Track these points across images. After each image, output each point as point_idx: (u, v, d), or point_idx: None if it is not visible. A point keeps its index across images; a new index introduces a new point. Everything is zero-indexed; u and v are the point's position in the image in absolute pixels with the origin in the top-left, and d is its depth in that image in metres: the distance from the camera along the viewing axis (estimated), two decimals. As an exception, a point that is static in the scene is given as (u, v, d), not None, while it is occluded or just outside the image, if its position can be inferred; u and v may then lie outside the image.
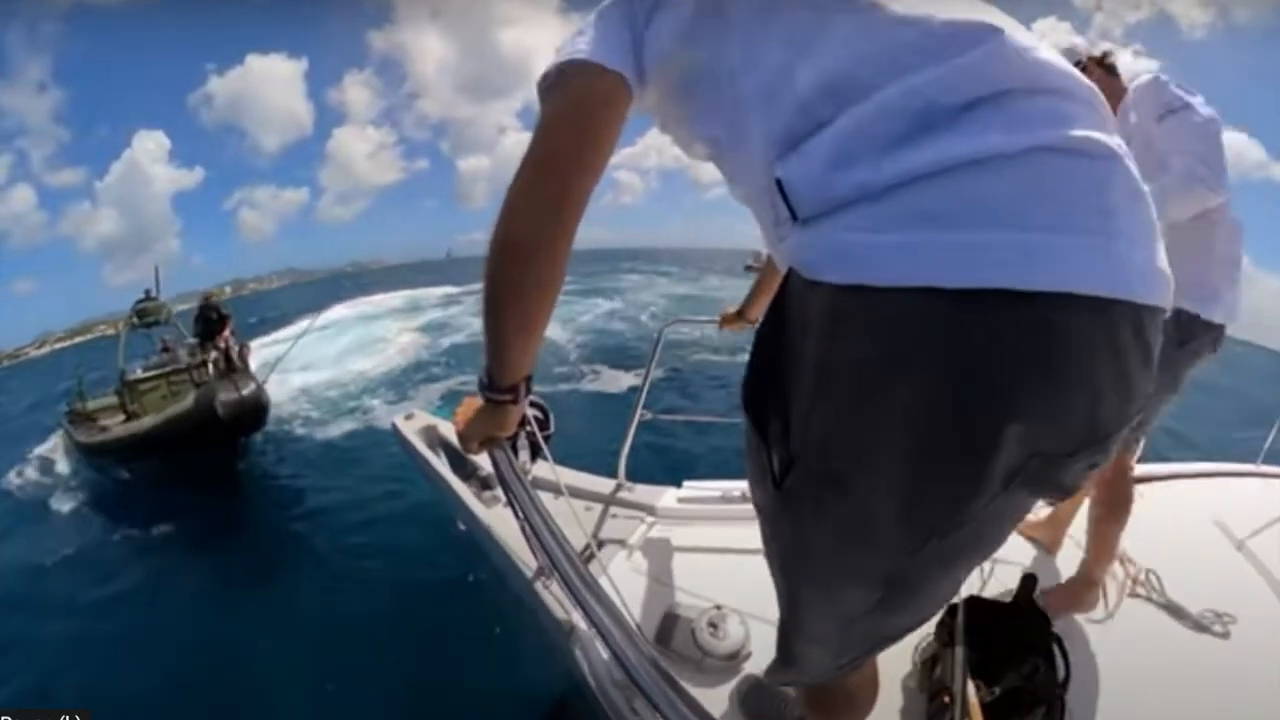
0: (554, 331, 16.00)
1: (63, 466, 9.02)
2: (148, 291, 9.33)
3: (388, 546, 5.17)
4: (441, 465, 2.35)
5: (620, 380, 10.14)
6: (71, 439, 8.68)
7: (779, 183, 0.60)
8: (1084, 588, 1.69)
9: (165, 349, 9.12)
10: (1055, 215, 0.52)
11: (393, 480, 6.12)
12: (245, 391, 6.55)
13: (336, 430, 9.15)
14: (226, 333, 8.14)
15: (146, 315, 9.07)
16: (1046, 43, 0.62)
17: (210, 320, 8.33)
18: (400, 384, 11.78)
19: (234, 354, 7.80)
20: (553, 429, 1.65)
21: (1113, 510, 1.67)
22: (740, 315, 1.89)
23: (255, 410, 6.70)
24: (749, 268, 45.33)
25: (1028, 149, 0.53)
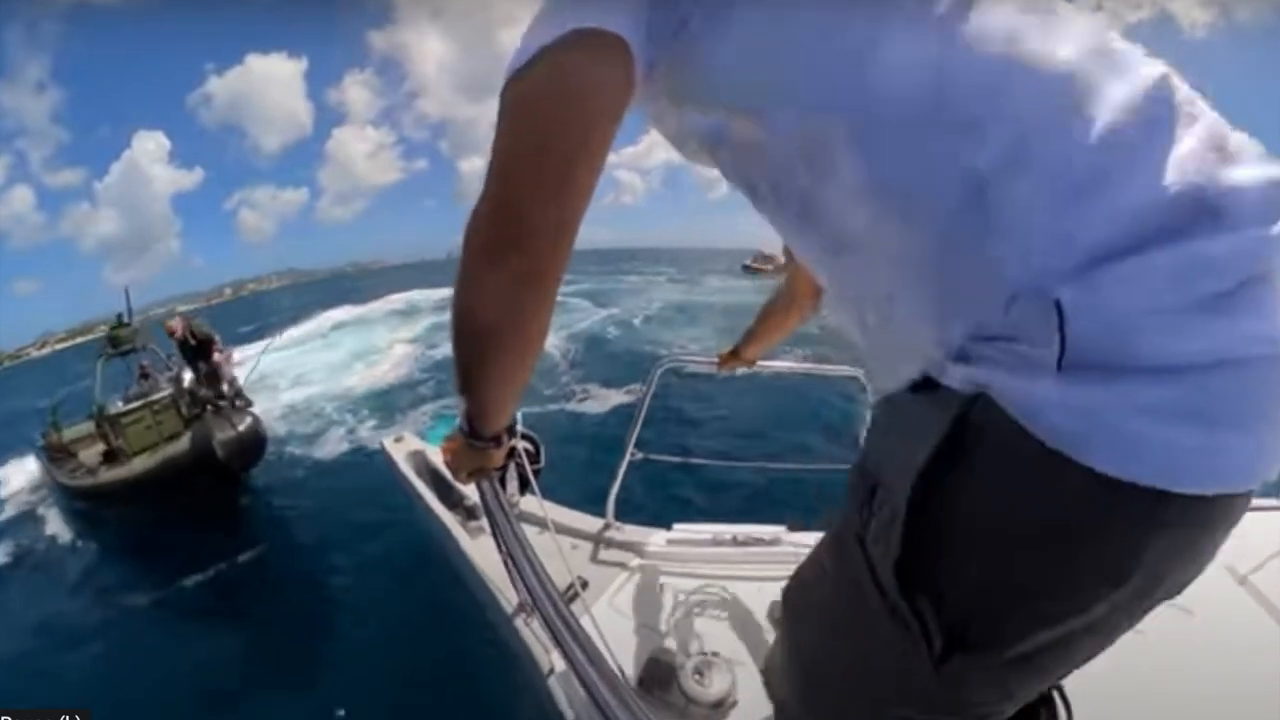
0: (546, 341, 16.12)
1: (43, 508, 8.42)
2: (119, 316, 8.60)
3: (376, 575, 5.21)
4: (427, 492, 2.32)
5: (610, 399, 10.18)
6: (52, 478, 8.15)
7: (1058, 307, 0.45)
8: None
9: (144, 375, 8.35)
10: None
11: (385, 507, 6.04)
12: (242, 427, 6.38)
13: (330, 450, 9.09)
14: (216, 356, 7.25)
15: (120, 343, 8.36)
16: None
17: (189, 348, 7.31)
18: (393, 398, 11.80)
19: (226, 379, 7.16)
20: (543, 462, 1.63)
21: None
22: (736, 355, 1.88)
23: (254, 445, 6.53)
24: (746, 267, 45.12)
25: None
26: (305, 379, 14.07)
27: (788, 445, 7.33)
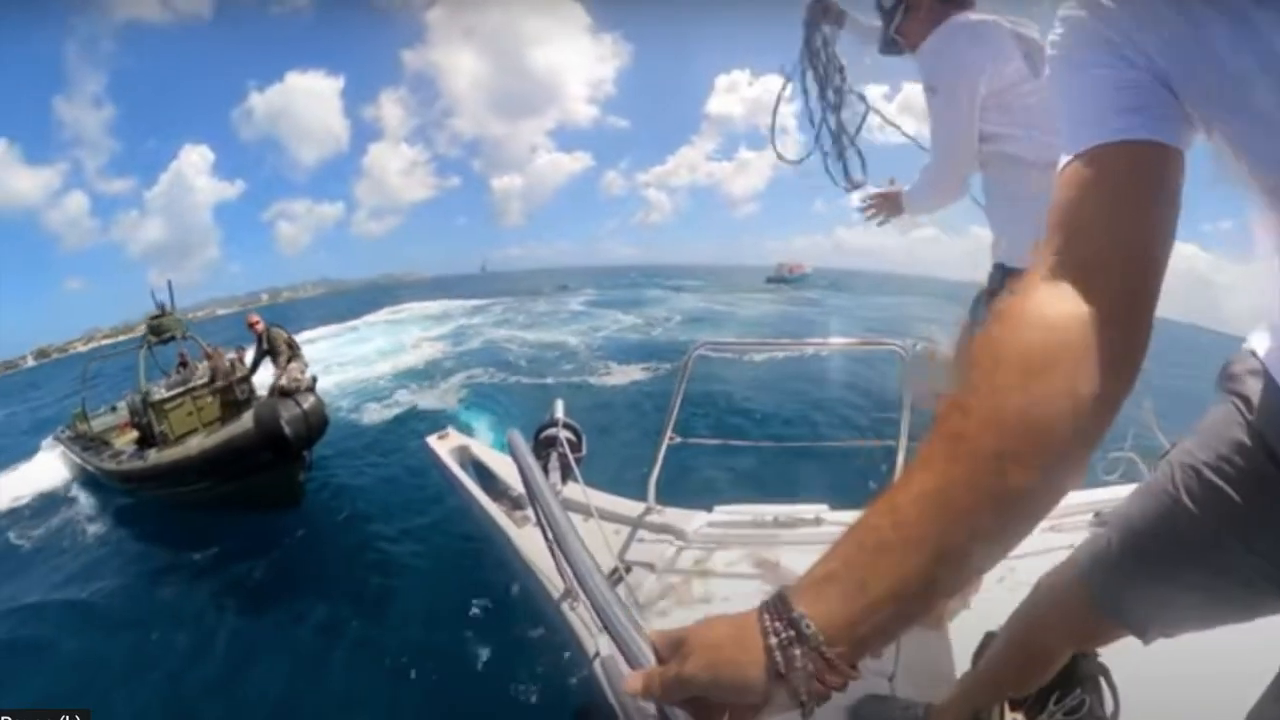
0: (568, 338, 16.44)
1: (82, 494, 8.57)
2: (161, 305, 8.63)
3: (424, 560, 5.33)
4: (472, 485, 2.38)
5: (629, 374, 10.50)
6: (91, 465, 8.22)
7: None
8: None
9: (183, 363, 8.64)
10: None
11: (433, 494, 6.13)
12: (308, 406, 6.52)
13: (372, 420, 9.56)
14: (292, 366, 7.17)
15: (162, 331, 8.43)
16: None
17: (277, 352, 7.33)
18: (423, 375, 12.52)
19: (297, 378, 7.09)
20: (584, 451, 1.65)
21: None
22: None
23: (320, 423, 6.68)
24: (771, 279, 46.17)
25: None
26: (340, 366, 14.95)
27: (826, 424, 7.27)
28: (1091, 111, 0.54)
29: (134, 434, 8.44)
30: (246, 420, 6.48)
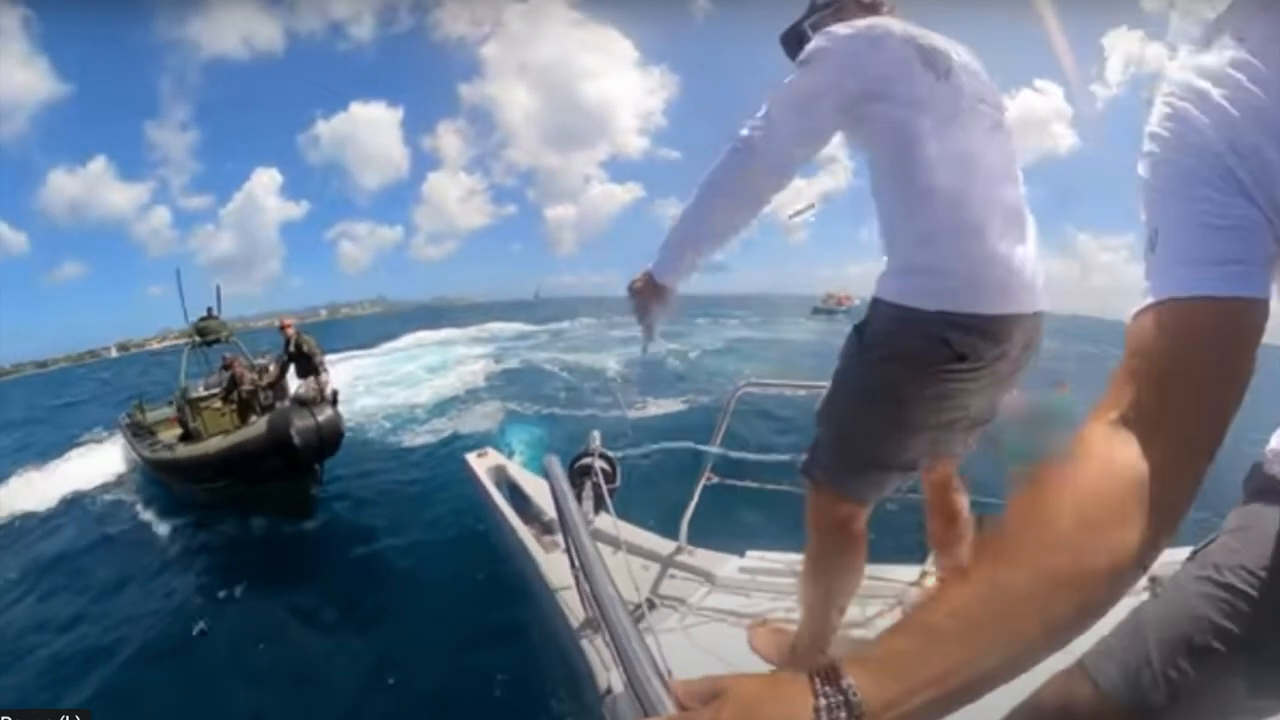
0: (610, 364, 16.48)
1: (124, 469, 9.26)
2: (209, 309, 9.08)
3: (439, 576, 5.20)
4: (505, 505, 2.39)
5: (668, 405, 10.53)
6: (135, 452, 8.65)
7: None
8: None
9: (226, 367, 8.78)
10: None
11: (456, 510, 6.03)
12: (322, 418, 6.32)
13: (405, 443, 9.46)
14: (324, 376, 7.41)
15: (208, 333, 8.86)
16: None
17: (303, 357, 7.52)
18: (463, 400, 12.52)
19: (322, 386, 7.20)
20: (618, 483, 1.64)
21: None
22: None
23: (332, 438, 6.48)
24: (817, 310, 44.48)
25: None
26: (386, 384, 15.52)
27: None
28: (1186, 251, 0.51)
29: (178, 429, 8.87)
30: (260, 425, 6.51)
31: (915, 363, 1.21)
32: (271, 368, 8.15)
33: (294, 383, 7.61)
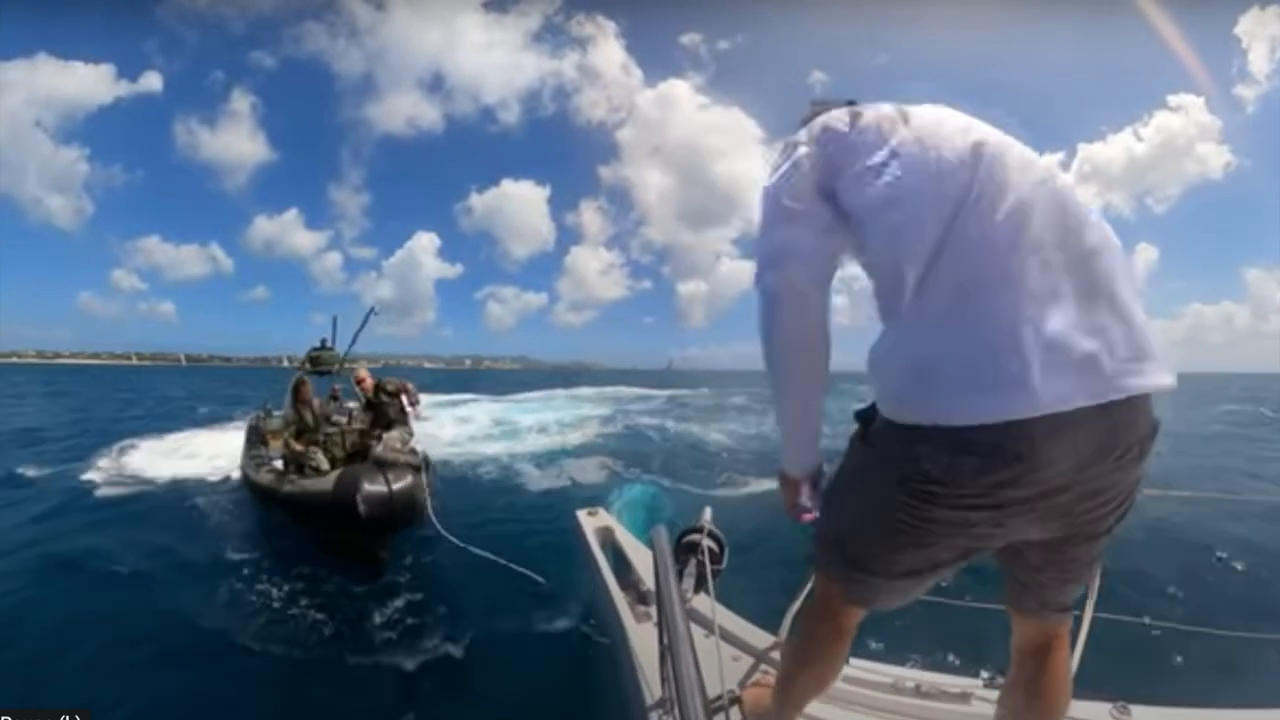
0: (714, 437, 15.90)
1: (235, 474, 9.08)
2: (324, 340, 9.06)
3: (521, 630, 4.38)
4: (605, 567, 2.39)
5: (763, 484, 9.01)
6: (245, 455, 8.57)
7: None
8: None
9: (334, 397, 8.57)
10: None
11: (542, 572, 5.06)
12: (397, 486, 5.36)
13: (506, 500, 8.87)
14: (408, 409, 6.95)
15: (319, 363, 8.86)
16: None
17: (381, 404, 6.96)
18: (577, 459, 12.26)
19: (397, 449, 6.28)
20: (724, 565, 1.60)
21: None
22: None
23: (405, 509, 5.40)
24: None
25: None
26: (506, 434, 16.04)
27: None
28: None
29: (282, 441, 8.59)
30: (328, 481, 5.69)
31: (895, 473, 1.02)
32: (353, 414, 7.59)
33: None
